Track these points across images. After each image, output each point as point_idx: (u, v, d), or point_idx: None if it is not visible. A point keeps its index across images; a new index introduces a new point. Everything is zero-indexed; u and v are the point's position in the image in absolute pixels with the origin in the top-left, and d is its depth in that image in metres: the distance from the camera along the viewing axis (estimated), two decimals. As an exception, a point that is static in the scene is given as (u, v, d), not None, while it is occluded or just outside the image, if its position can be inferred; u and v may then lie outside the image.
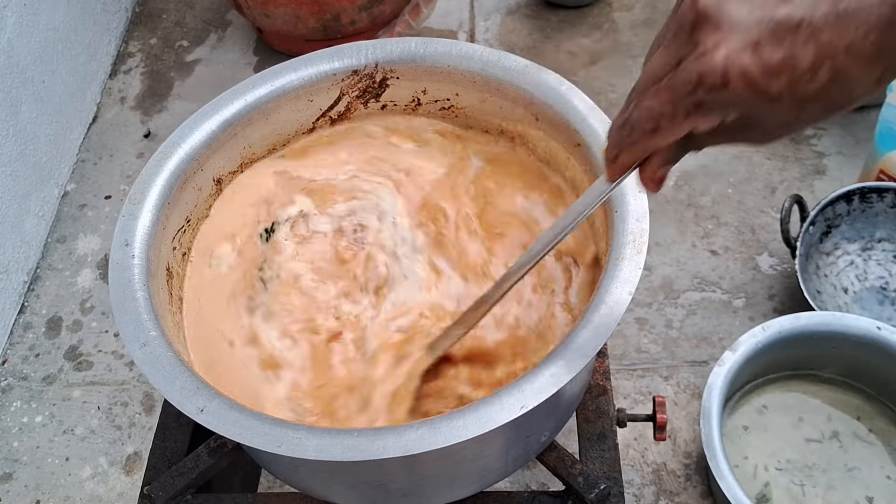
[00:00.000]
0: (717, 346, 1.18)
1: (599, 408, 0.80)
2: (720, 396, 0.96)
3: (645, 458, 1.08)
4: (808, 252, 1.17)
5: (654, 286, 1.25)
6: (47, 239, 1.38)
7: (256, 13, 1.52)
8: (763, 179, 1.36)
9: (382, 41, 0.81)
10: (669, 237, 1.30)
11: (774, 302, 1.22)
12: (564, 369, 0.58)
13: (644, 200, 0.67)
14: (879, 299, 1.18)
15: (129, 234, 0.69)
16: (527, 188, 0.79)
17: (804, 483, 1.01)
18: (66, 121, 1.47)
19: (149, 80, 1.63)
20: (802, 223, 1.15)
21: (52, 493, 1.11)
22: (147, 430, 1.15)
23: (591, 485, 0.72)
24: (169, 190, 0.73)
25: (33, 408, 1.19)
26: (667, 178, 0.48)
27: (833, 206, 1.17)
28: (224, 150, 0.78)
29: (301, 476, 0.71)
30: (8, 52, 1.28)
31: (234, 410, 0.59)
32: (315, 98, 0.82)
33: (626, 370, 1.16)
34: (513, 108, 0.80)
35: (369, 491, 0.71)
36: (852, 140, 1.40)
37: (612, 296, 0.62)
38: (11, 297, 1.28)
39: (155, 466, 0.79)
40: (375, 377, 0.68)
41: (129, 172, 1.47)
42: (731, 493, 0.89)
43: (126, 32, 1.72)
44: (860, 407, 1.06)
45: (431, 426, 0.57)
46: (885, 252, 1.20)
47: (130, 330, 0.63)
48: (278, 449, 0.56)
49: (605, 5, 1.67)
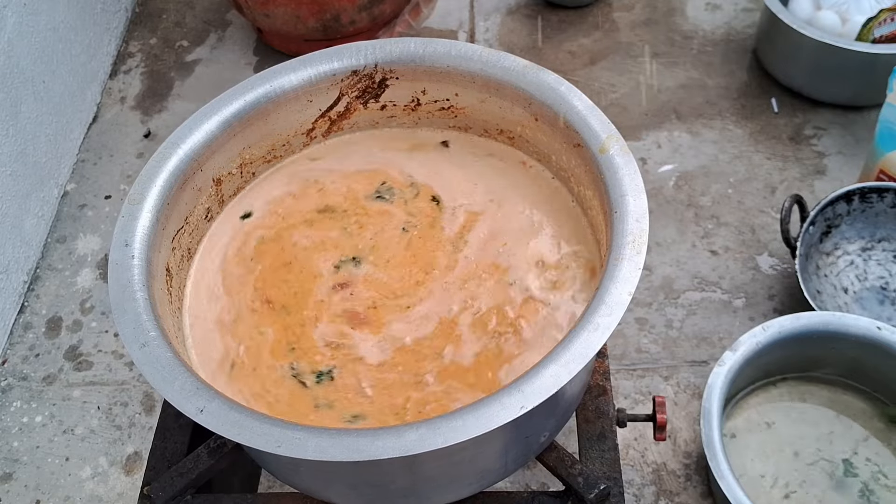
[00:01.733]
0: (718, 346, 1.18)
1: (599, 408, 0.80)
2: (720, 396, 0.96)
3: (645, 458, 1.08)
4: (808, 252, 1.17)
5: (654, 286, 1.25)
6: (47, 239, 1.38)
7: (256, 13, 1.52)
8: (763, 179, 1.36)
9: (382, 41, 0.81)
10: (669, 237, 1.30)
11: (774, 302, 1.22)
12: (564, 369, 0.58)
13: (644, 200, 0.68)
14: (880, 299, 1.18)
15: (129, 235, 0.69)
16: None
17: (804, 483, 1.01)
18: (66, 121, 1.47)
19: (149, 80, 1.63)
20: (802, 223, 1.15)
21: (52, 493, 1.11)
22: (147, 430, 1.15)
23: (591, 485, 0.72)
24: (168, 190, 0.73)
25: (33, 408, 1.19)
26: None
27: (833, 206, 1.17)
28: (224, 150, 0.78)
29: (301, 476, 0.71)
30: (8, 53, 1.28)
31: (234, 411, 0.59)
32: (314, 98, 0.82)
33: (626, 370, 1.16)
34: (512, 108, 0.80)
35: (369, 491, 0.71)
36: (852, 140, 1.40)
37: (612, 296, 0.62)
38: (11, 297, 1.28)
39: (155, 467, 0.79)
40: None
41: (129, 172, 1.47)
42: (732, 494, 0.89)
43: (126, 32, 1.72)
44: (860, 407, 1.06)
45: (431, 426, 0.57)
46: (885, 252, 1.20)
47: (130, 330, 0.63)
48: (278, 449, 0.57)
49: (605, 5, 1.67)
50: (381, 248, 0.78)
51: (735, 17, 1.63)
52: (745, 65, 1.54)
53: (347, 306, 0.74)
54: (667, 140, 1.42)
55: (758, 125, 1.44)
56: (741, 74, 1.53)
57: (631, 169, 0.70)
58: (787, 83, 1.47)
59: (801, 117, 1.45)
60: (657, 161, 1.39)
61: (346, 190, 0.82)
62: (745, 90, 1.50)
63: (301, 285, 0.76)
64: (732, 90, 1.50)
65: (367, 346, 0.71)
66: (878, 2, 1.37)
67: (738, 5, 1.65)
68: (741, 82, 1.51)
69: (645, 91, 1.50)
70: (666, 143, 1.42)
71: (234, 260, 0.78)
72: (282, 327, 0.73)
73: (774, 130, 1.43)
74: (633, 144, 1.41)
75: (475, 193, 0.81)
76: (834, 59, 1.35)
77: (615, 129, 0.73)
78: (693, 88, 1.51)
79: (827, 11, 1.39)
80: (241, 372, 0.70)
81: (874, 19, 1.34)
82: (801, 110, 1.45)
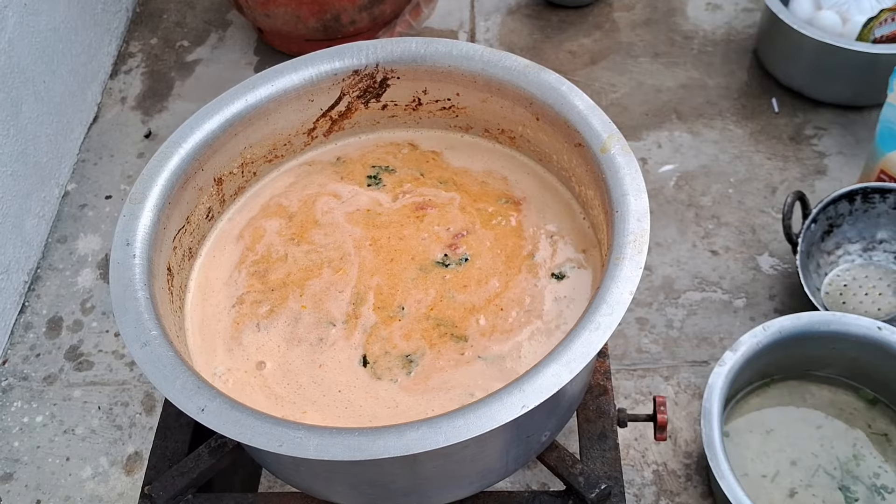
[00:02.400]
0: (718, 346, 1.18)
1: (600, 407, 0.80)
2: (721, 396, 0.96)
3: (645, 458, 1.08)
4: (808, 250, 1.17)
5: (655, 286, 1.25)
6: (48, 239, 1.38)
7: (257, 13, 1.52)
8: (763, 179, 1.36)
9: (383, 41, 0.81)
10: (670, 237, 1.30)
11: (775, 302, 1.22)
12: (566, 368, 0.59)
13: (644, 200, 0.68)
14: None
15: (130, 234, 0.69)
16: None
17: (804, 483, 1.01)
18: (67, 121, 1.47)
19: (149, 80, 1.63)
20: (805, 220, 1.15)
21: (52, 493, 1.11)
22: (147, 429, 1.15)
23: (592, 485, 0.72)
24: (170, 190, 0.73)
25: (34, 408, 1.19)
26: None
27: (835, 205, 1.17)
28: (225, 149, 0.78)
29: (302, 476, 0.71)
30: (8, 53, 1.28)
31: (235, 410, 0.59)
32: (316, 98, 0.82)
33: (626, 370, 1.16)
34: (513, 107, 0.80)
35: (370, 490, 0.71)
36: (853, 140, 1.40)
37: (613, 296, 0.62)
38: (12, 297, 1.28)
39: (156, 466, 0.79)
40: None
41: (129, 172, 1.47)
42: (732, 494, 0.89)
43: (126, 32, 1.72)
44: (860, 407, 1.06)
45: (432, 426, 0.57)
46: (886, 253, 1.20)
47: (131, 329, 0.63)
48: (279, 448, 0.57)
49: (606, 5, 1.67)
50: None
51: (735, 17, 1.63)
52: (746, 65, 1.54)
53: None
54: (667, 140, 1.42)
55: (758, 125, 1.44)
56: (741, 74, 1.53)
57: (632, 168, 0.70)
58: (788, 83, 1.47)
59: (801, 117, 1.45)
60: (658, 161, 1.39)
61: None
62: (745, 90, 1.50)
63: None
64: (733, 90, 1.50)
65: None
66: (879, 2, 1.37)
67: (739, 5, 1.65)
68: (741, 82, 1.51)
69: (644, 91, 1.50)
70: (666, 143, 1.42)
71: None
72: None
73: (775, 130, 1.43)
74: (634, 144, 1.41)
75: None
76: (834, 59, 1.35)
77: (616, 128, 0.73)
78: (693, 88, 1.51)
79: (827, 11, 1.39)
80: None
81: (875, 19, 1.34)
82: (802, 110, 1.46)
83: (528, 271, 0.76)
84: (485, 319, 0.73)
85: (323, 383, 0.70)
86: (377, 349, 0.72)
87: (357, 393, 0.69)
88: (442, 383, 0.69)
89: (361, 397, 0.69)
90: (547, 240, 0.78)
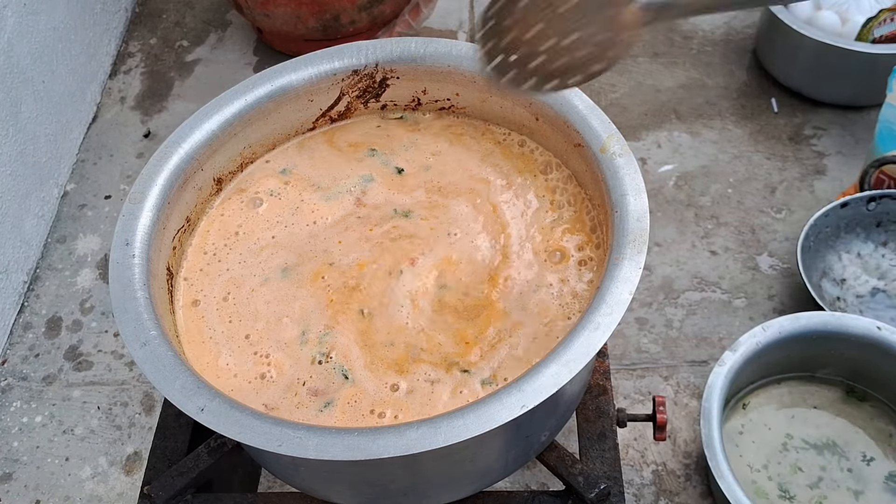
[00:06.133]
0: (717, 346, 1.18)
1: (599, 407, 0.80)
2: (720, 396, 0.96)
3: (645, 458, 1.08)
4: (816, 246, 1.17)
5: (654, 286, 1.25)
6: (47, 239, 1.38)
7: (256, 13, 1.52)
8: (763, 179, 1.36)
9: (382, 41, 0.81)
10: (669, 237, 1.30)
11: (774, 302, 1.22)
12: (565, 368, 0.59)
13: (644, 200, 0.68)
14: (881, 300, 1.18)
15: (130, 234, 0.69)
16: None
17: (804, 483, 1.01)
18: (66, 121, 1.47)
19: (149, 80, 1.63)
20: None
21: (52, 493, 1.11)
22: (147, 429, 1.15)
23: (591, 484, 0.73)
24: (169, 190, 0.73)
25: (33, 408, 1.19)
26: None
27: (839, 208, 1.17)
28: (224, 149, 0.78)
29: (301, 475, 0.71)
30: (8, 53, 1.28)
31: (235, 410, 0.59)
32: (315, 98, 0.82)
33: (626, 370, 1.16)
34: (513, 107, 0.80)
35: (369, 490, 0.71)
36: (852, 140, 1.40)
37: (613, 295, 0.62)
38: (11, 297, 1.28)
39: (155, 466, 0.79)
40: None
41: (129, 172, 1.47)
42: (731, 494, 0.89)
43: (126, 32, 1.72)
44: (860, 407, 1.06)
45: (432, 426, 0.57)
46: (886, 256, 1.20)
47: (131, 329, 0.63)
48: (279, 448, 0.57)
49: (605, 5, 1.67)
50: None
51: (735, 16, 1.63)
52: (745, 65, 1.54)
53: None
54: (667, 140, 1.42)
55: (757, 125, 1.44)
56: (741, 74, 1.53)
57: (631, 168, 0.70)
58: (787, 83, 1.47)
59: (800, 117, 1.45)
60: (657, 161, 1.39)
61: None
62: (744, 90, 1.50)
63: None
64: (732, 90, 1.50)
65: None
66: (878, 2, 1.37)
67: (738, 5, 1.65)
68: (741, 82, 1.51)
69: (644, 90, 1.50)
70: (666, 143, 1.42)
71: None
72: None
73: (774, 130, 1.43)
74: (633, 144, 1.41)
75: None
76: (834, 59, 1.35)
77: (615, 128, 0.73)
78: (693, 88, 1.51)
79: (827, 11, 1.39)
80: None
81: (874, 19, 1.34)
82: (801, 110, 1.46)
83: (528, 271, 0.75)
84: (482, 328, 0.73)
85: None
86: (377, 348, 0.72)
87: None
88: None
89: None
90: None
